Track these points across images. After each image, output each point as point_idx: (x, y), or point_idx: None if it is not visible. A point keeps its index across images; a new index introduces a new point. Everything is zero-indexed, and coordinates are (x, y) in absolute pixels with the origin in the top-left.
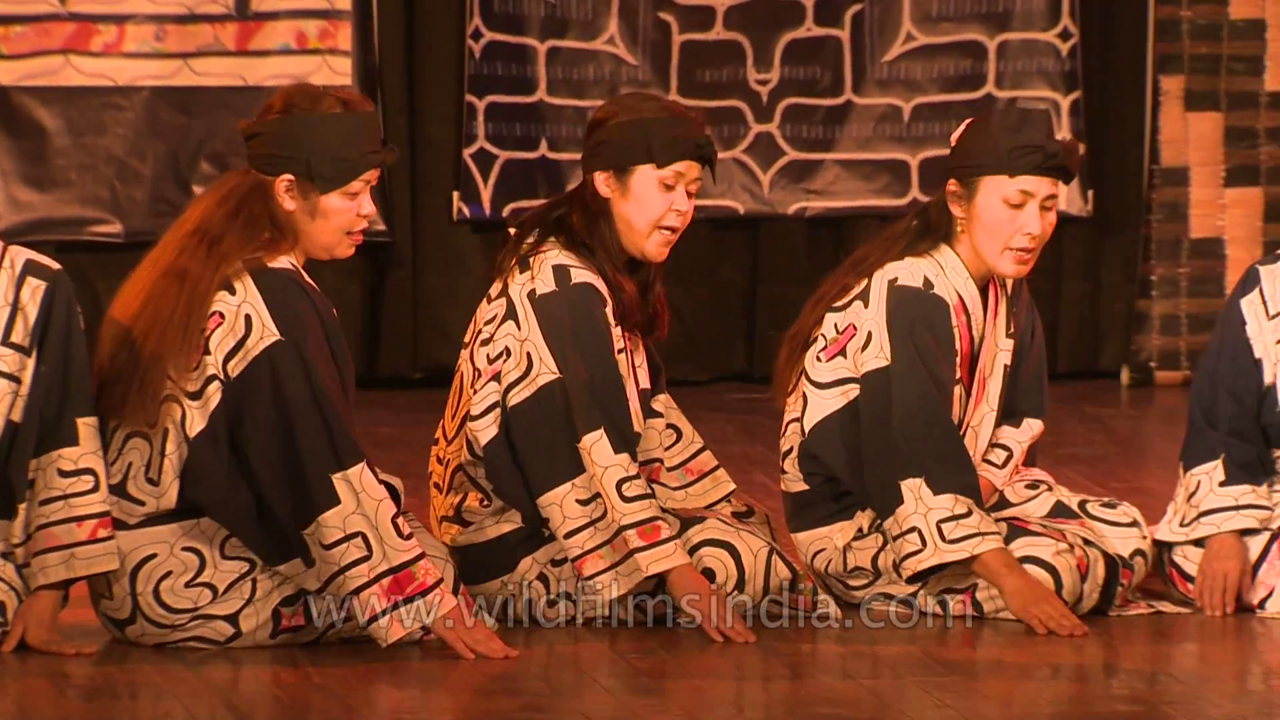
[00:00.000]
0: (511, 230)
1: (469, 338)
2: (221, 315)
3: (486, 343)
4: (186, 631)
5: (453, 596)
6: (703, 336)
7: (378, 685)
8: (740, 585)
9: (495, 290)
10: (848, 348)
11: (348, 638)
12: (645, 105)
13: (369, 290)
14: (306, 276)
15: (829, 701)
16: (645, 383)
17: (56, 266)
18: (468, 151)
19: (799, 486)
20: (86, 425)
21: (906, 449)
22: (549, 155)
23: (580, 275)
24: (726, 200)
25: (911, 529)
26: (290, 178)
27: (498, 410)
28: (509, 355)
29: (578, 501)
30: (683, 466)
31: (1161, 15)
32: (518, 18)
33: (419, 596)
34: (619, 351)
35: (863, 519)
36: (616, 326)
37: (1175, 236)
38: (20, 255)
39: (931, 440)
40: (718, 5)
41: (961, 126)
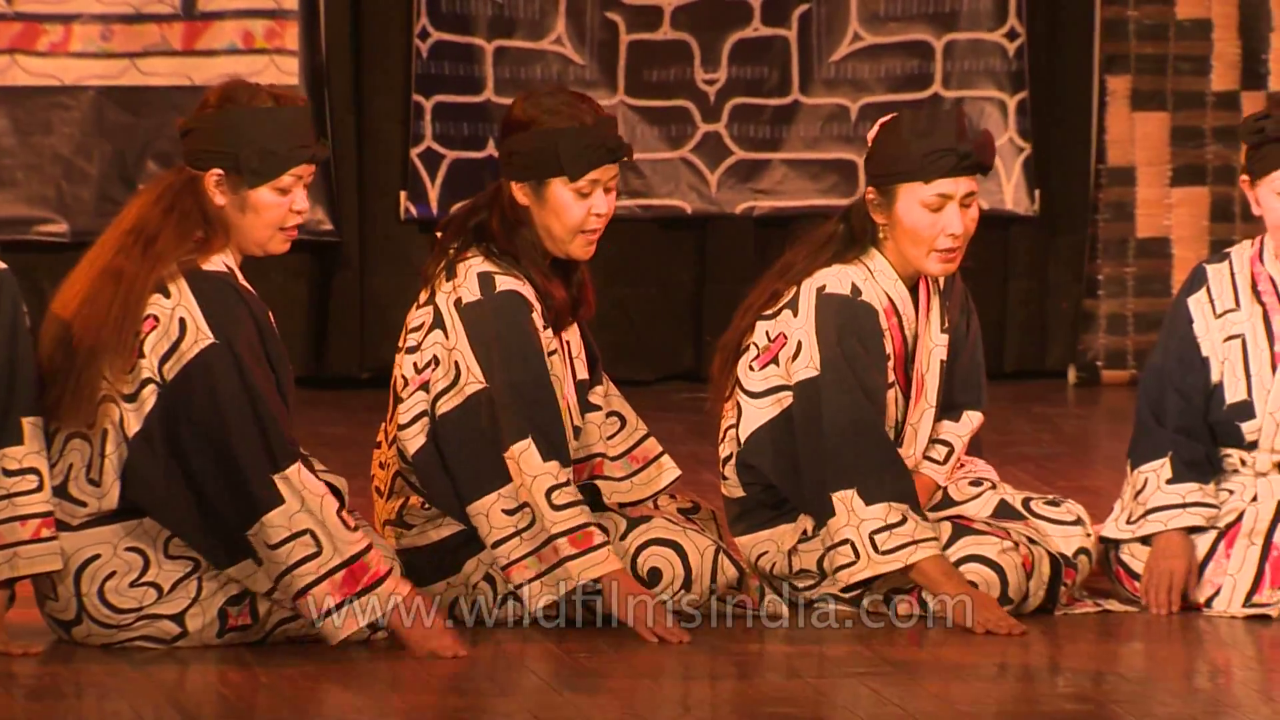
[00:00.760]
0: (438, 234)
1: (401, 343)
2: (156, 319)
3: (414, 350)
4: (133, 632)
5: (407, 583)
6: (650, 336)
7: (325, 685)
8: (687, 584)
9: (423, 297)
10: (779, 356)
11: (295, 637)
12: (557, 113)
13: (316, 290)
14: (241, 278)
15: (776, 701)
16: (583, 373)
17: (2, 266)
18: (415, 151)
19: (739, 493)
20: (31, 424)
21: (837, 460)
22: (496, 155)
23: (505, 283)
24: (674, 200)
25: (844, 541)
26: (220, 172)
27: (426, 419)
28: (437, 364)
29: (504, 511)
30: (627, 455)
31: (1108, 15)
32: (465, 17)
33: (375, 586)
34: (551, 353)
35: (806, 522)
36: (546, 330)
37: (1122, 236)
38: None
39: (862, 450)
40: (665, 5)
41: (874, 130)
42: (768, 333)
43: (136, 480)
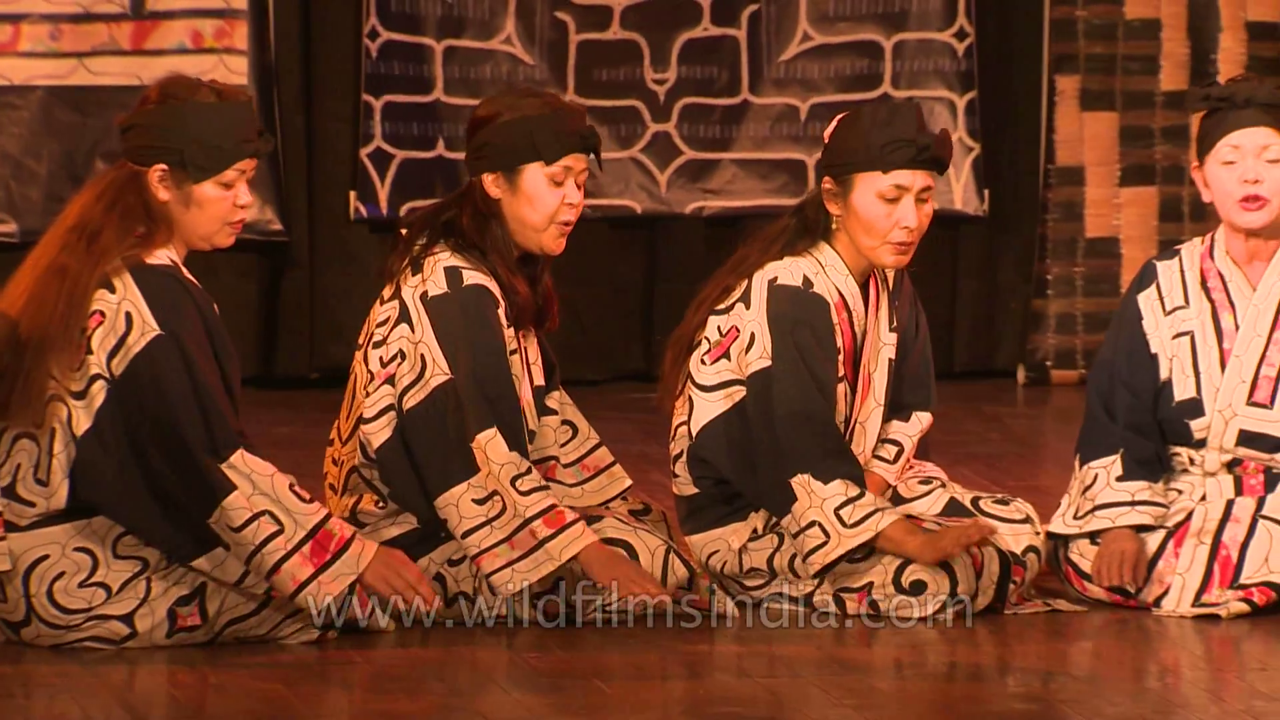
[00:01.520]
0: (403, 231)
1: (362, 339)
2: (102, 314)
3: (379, 345)
4: (82, 632)
5: (373, 543)
6: (600, 336)
7: (274, 685)
8: None
9: (388, 293)
10: (731, 350)
11: (244, 638)
12: (525, 103)
13: (265, 290)
14: (186, 272)
15: (726, 701)
16: (540, 379)
17: None
18: (364, 151)
19: (690, 490)
20: None
21: (790, 447)
22: (446, 155)
23: (472, 277)
24: (624, 200)
25: (811, 523)
26: (164, 167)
27: (392, 413)
28: (403, 358)
29: (474, 501)
30: (579, 463)
31: (1057, 15)
32: (414, 17)
33: (342, 551)
34: (512, 352)
35: (756, 520)
36: (509, 328)
37: (1071, 236)
38: None
39: (814, 437)
40: (615, 5)
41: (833, 124)
42: (719, 327)
43: (88, 478)
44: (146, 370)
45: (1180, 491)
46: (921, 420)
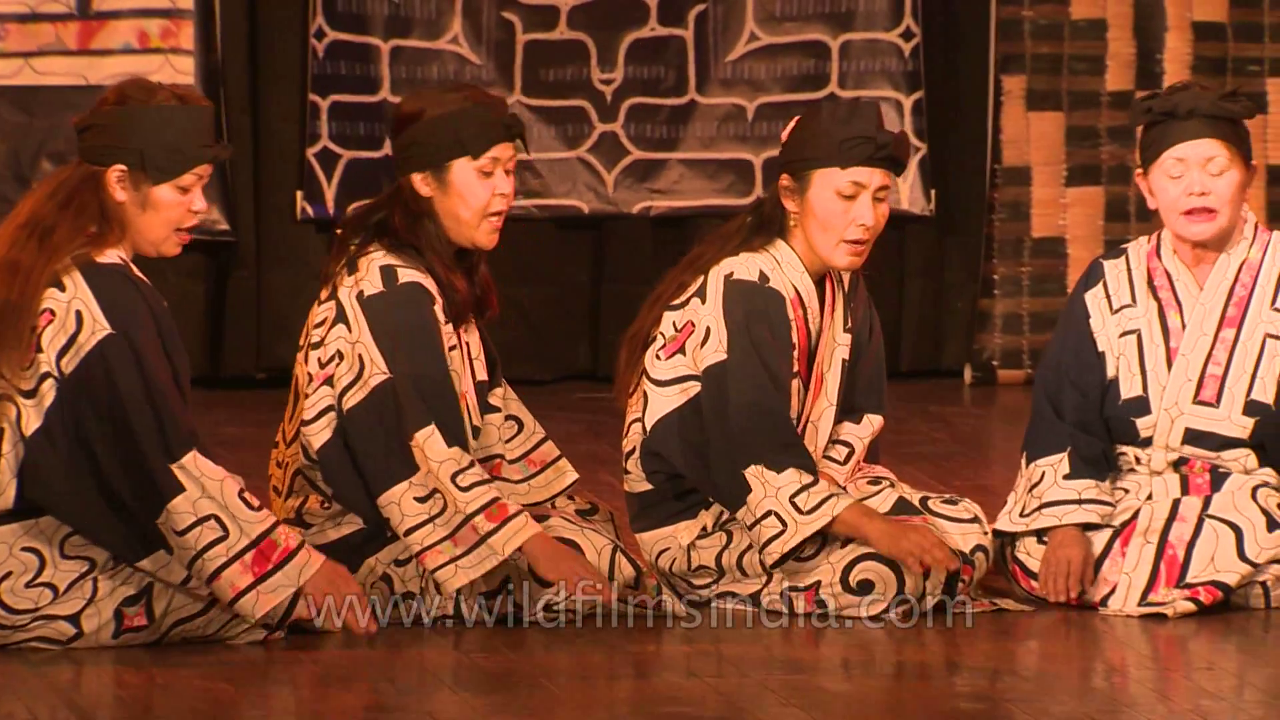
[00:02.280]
0: (338, 232)
1: (302, 341)
2: (52, 312)
3: (317, 346)
4: (28, 632)
5: (320, 555)
6: (547, 336)
7: (221, 684)
8: None
9: (324, 294)
10: (686, 345)
11: (191, 638)
12: (447, 98)
13: (212, 290)
14: (137, 270)
15: (674, 700)
16: (482, 374)
17: None
18: (311, 151)
19: (642, 486)
20: None
21: (744, 439)
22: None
23: (408, 275)
24: (571, 200)
25: (768, 513)
26: (123, 168)
27: (332, 414)
28: (341, 359)
29: (415, 499)
30: (525, 458)
31: (1003, 15)
32: (361, 17)
33: (285, 562)
34: (451, 349)
35: (706, 518)
36: (448, 324)
37: (1017, 236)
38: None
39: (767, 429)
40: (561, 5)
41: (792, 121)
42: (675, 323)
43: (37, 478)
44: (98, 369)
45: (1127, 490)
46: (873, 423)
